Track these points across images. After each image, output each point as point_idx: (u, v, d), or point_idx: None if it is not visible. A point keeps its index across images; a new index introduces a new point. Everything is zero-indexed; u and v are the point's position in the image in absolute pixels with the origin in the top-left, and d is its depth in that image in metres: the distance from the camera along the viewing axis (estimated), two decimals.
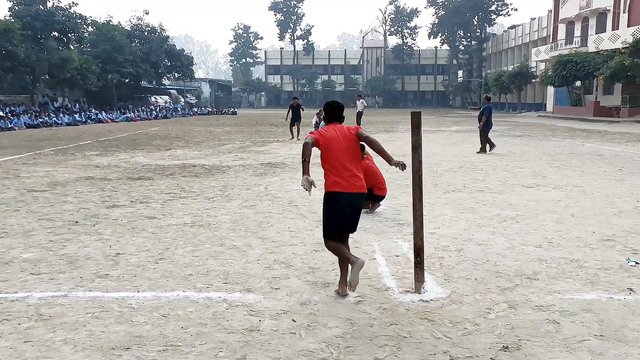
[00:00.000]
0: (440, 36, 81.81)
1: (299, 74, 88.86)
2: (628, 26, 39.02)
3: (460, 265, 4.91)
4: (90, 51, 44.22)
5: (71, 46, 41.17)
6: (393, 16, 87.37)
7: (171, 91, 62.10)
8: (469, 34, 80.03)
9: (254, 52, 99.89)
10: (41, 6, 37.89)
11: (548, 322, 3.64)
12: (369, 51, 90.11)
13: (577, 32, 47.66)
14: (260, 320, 3.70)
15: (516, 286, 4.35)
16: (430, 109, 67.75)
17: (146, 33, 53.26)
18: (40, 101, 38.24)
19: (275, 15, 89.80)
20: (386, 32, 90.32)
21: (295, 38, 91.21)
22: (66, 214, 7.14)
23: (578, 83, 42.59)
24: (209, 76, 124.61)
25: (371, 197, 7.41)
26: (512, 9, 76.36)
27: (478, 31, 79.15)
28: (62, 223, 6.62)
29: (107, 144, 18.89)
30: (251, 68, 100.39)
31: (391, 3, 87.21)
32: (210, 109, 60.61)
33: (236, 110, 60.78)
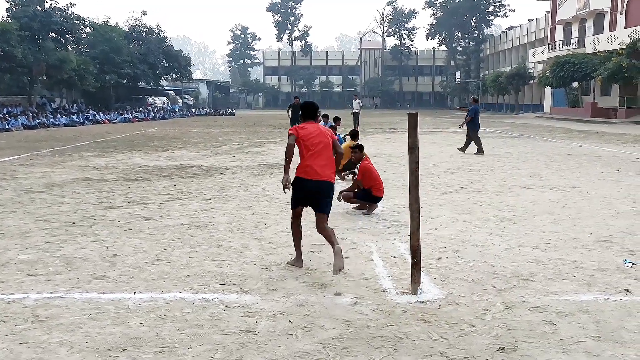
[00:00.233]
0: (438, 37, 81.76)
1: (297, 75, 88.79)
2: (625, 27, 39.07)
3: (457, 266, 4.91)
4: (87, 52, 44.24)
5: (69, 47, 41.05)
6: (391, 17, 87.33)
7: (169, 92, 61.96)
8: (467, 35, 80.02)
9: (252, 53, 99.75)
10: (39, 7, 37.79)
11: (544, 323, 3.65)
12: (367, 52, 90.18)
13: (575, 34, 47.72)
14: (256, 321, 3.70)
15: (513, 287, 4.35)
16: (428, 110, 67.76)
17: (144, 34, 53.26)
18: (37, 102, 38.16)
19: (273, 16, 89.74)
20: (384, 33, 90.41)
21: (293, 39, 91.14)
22: (63, 215, 7.13)
23: (575, 84, 42.63)
24: (207, 77, 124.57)
25: (369, 198, 7.43)
26: (510, 10, 76.67)
27: (476, 32, 79.18)
28: (59, 224, 6.61)
29: (105, 145, 18.87)
30: (249, 69, 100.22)
31: (389, 4, 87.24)
32: (208, 110, 60.56)
33: (234, 111, 60.71)
